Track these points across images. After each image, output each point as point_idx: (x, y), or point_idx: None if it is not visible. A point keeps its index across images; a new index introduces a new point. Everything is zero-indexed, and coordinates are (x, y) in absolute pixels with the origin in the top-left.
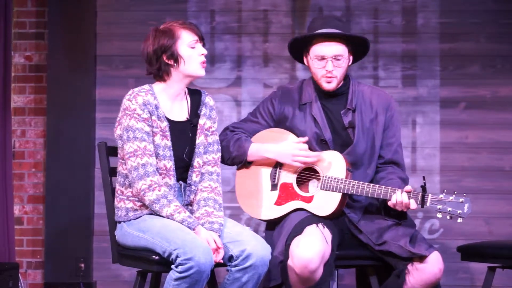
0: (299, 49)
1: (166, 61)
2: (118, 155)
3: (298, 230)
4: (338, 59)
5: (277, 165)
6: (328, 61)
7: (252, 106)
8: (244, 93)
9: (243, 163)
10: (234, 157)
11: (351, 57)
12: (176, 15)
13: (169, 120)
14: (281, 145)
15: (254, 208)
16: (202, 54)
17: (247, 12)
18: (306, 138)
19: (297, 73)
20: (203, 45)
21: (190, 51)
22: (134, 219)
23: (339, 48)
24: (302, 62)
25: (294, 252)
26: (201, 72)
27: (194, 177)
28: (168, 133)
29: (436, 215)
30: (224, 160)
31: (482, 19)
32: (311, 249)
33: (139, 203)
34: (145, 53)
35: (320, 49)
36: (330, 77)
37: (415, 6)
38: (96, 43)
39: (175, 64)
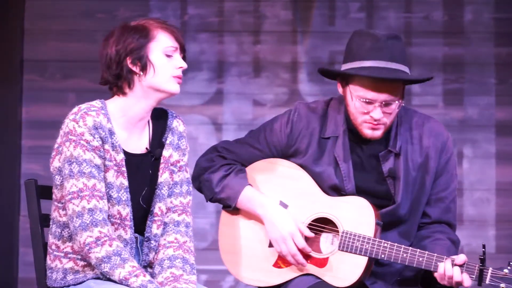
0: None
1: (130, 66)
2: (54, 196)
3: None
4: (389, 104)
5: None
6: (377, 107)
7: (237, 131)
8: (226, 114)
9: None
10: (219, 200)
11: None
12: (134, 6)
13: (124, 152)
14: (283, 214)
15: (244, 270)
16: (180, 68)
17: (231, 2)
18: (312, 235)
19: (300, 86)
20: (183, 58)
21: (164, 59)
22: (74, 284)
23: (393, 91)
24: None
25: None
26: (174, 88)
27: (154, 228)
28: (124, 169)
29: None
30: (205, 198)
31: None
32: None
33: (81, 263)
34: (105, 54)
35: (366, 92)
36: (377, 125)
37: None
38: (24, 44)
39: (141, 73)
